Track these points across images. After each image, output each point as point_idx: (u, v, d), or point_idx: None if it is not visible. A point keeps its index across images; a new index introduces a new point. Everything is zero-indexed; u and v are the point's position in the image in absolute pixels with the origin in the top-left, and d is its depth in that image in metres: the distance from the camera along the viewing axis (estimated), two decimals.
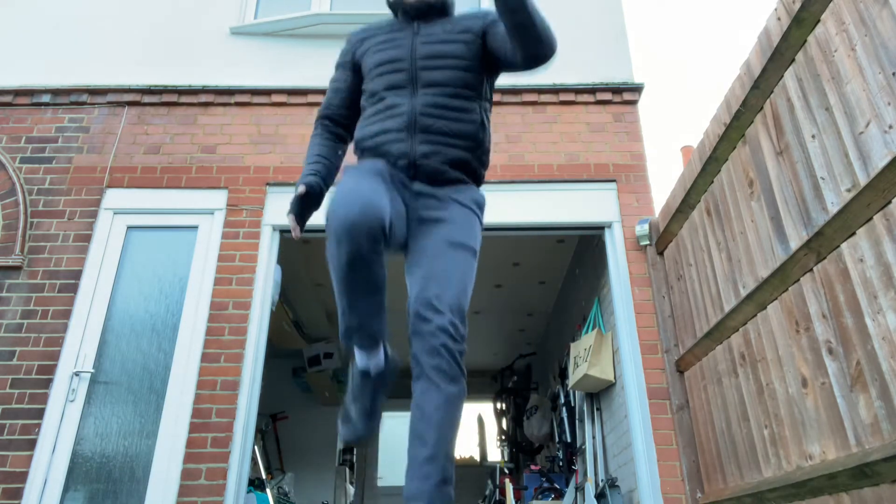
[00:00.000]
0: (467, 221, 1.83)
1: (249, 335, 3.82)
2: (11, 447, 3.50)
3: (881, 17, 2.00)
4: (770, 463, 2.63)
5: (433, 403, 1.55)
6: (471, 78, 1.91)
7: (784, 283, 2.51)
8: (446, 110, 1.85)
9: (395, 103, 1.87)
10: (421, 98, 1.86)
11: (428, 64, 1.89)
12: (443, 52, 1.91)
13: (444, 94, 1.87)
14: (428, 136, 1.83)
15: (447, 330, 1.59)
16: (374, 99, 1.93)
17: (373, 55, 1.97)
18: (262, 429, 6.87)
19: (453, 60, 1.90)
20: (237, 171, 4.30)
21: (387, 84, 1.91)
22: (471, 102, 1.90)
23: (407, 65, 1.90)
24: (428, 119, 1.83)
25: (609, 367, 4.18)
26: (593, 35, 4.85)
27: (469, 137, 1.87)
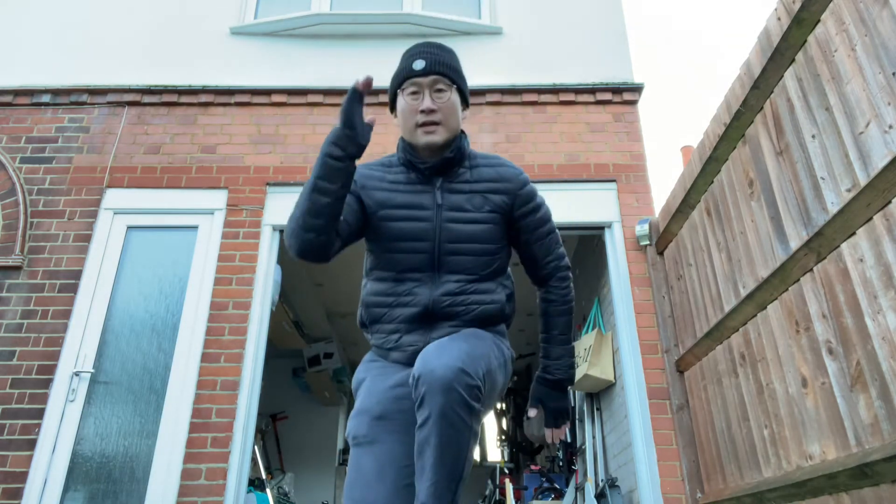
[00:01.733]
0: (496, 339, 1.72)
1: (249, 335, 3.82)
2: (11, 447, 3.50)
3: (881, 17, 2.00)
4: (770, 463, 2.63)
5: (442, 435, 1.44)
6: (497, 262, 1.75)
7: (784, 283, 2.51)
8: (466, 295, 1.69)
9: (412, 292, 1.68)
10: (442, 287, 1.68)
11: (454, 248, 1.69)
12: (470, 235, 1.70)
13: (469, 281, 1.70)
14: (447, 323, 1.67)
15: (474, 382, 1.45)
16: (389, 276, 1.72)
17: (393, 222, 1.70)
18: (262, 429, 6.88)
19: (481, 245, 1.71)
20: (237, 171, 4.30)
21: (407, 266, 1.69)
22: (494, 283, 1.74)
23: (430, 246, 1.69)
24: (447, 309, 1.67)
25: (609, 367, 4.18)
26: (593, 35, 4.85)
27: (494, 317, 1.73)
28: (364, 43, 4.84)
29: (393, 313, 1.69)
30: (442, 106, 1.70)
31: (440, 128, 1.70)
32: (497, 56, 4.79)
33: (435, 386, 1.38)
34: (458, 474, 1.41)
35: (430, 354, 1.44)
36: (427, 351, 1.46)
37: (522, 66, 4.74)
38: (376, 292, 1.73)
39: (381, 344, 1.72)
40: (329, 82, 4.60)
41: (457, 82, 1.75)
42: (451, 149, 1.73)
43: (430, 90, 1.70)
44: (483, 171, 1.77)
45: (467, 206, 1.72)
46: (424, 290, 1.68)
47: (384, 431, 1.55)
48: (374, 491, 1.48)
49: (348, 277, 6.15)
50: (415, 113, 1.70)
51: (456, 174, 1.75)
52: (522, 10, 5.00)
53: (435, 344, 1.49)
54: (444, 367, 1.39)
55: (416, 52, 1.75)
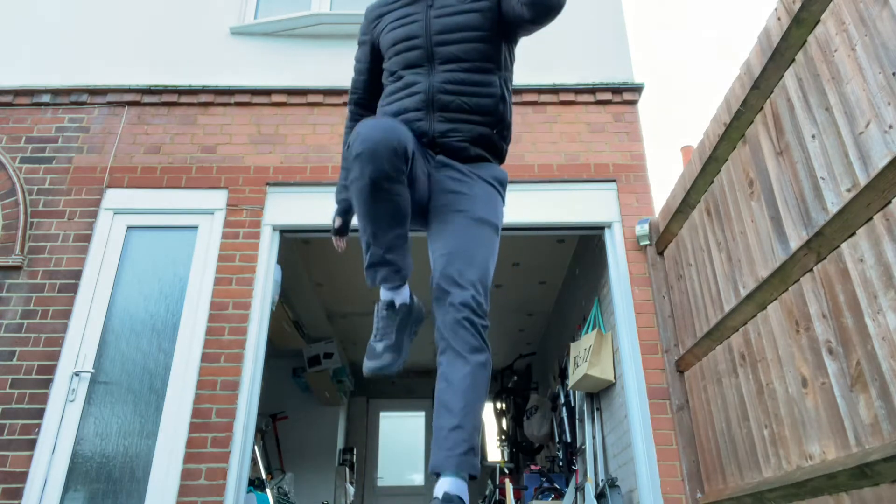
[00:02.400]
0: (490, 198, 1.83)
1: (249, 335, 3.82)
2: (11, 447, 3.50)
3: (881, 17, 2.00)
4: (770, 463, 2.63)
5: (459, 373, 1.54)
6: (489, 49, 1.87)
7: (784, 283, 2.51)
8: (464, 85, 1.83)
9: (413, 82, 1.85)
10: (438, 76, 1.83)
11: (443, 39, 1.86)
12: (458, 24, 1.86)
13: (463, 70, 1.84)
14: (446, 114, 1.81)
15: (470, 304, 1.59)
16: (393, 78, 1.92)
17: (388, 33, 1.95)
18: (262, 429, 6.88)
19: (469, 33, 1.85)
20: (237, 171, 4.30)
21: (403, 63, 1.89)
22: (490, 75, 1.87)
23: (422, 42, 1.87)
24: (446, 97, 1.81)
25: (609, 367, 4.18)
26: (593, 35, 4.85)
27: (489, 112, 1.85)
28: None
29: (402, 104, 1.85)
30: None
31: None
32: None
33: (448, 322, 1.60)
34: (483, 391, 1.60)
35: (451, 272, 1.65)
36: (447, 271, 1.65)
37: (522, 66, 4.71)
38: (387, 94, 1.92)
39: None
40: (329, 82, 4.60)
41: None
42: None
43: None
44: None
45: (454, 1, 1.90)
46: (423, 79, 1.84)
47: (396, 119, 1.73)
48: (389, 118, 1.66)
49: (348, 277, 6.15)
50: None
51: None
52: None
53: (456, 262, 1.65)
54: (461, 298, 1.60)
55: None
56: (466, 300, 1.59)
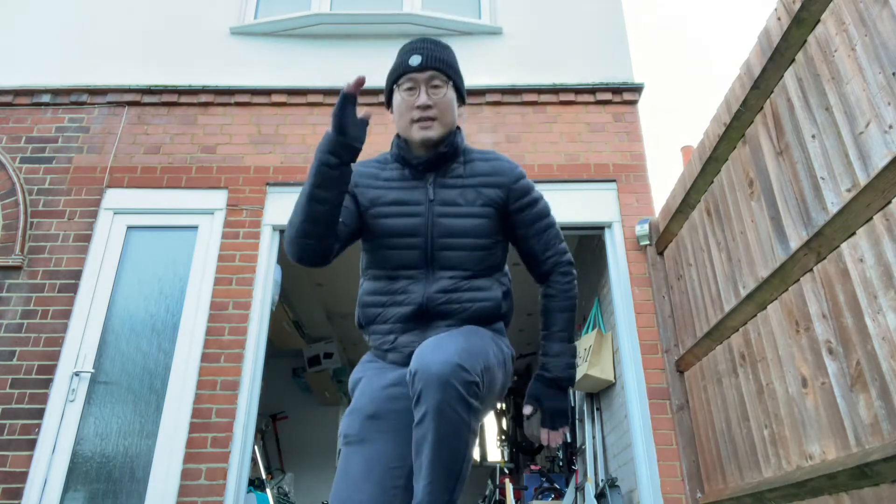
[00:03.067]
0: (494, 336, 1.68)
1: (249, 335, 3.82)
2: (11, 447, 3.50)
3: (881, 17, 2.00)
4: (770, 463, 2.63)
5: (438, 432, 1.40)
6: (492, 257, 1.71)
7: (784, 283, 2.51)
8: (463, 292, 1.66)
9: (406, 289, 1.66)
10: (436, 283, 1.65)
11: (446, 244, 1.66)
12: (463, 230, 1.67)
13: (463, 278, 1.67)
14: (443, 322, 1.64)
15: (469, 380, 1.41)
16: (383, 274, 1.70)
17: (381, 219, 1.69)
18: (262, 429, 6.88)
19: (474, 240, 1.68)
20: (237, 171, 4.30)
21: (399, 263, 1.67)
22: (489, 280, 1.70)
23: (423, 242, 1.66)
24: (443, 306, 1.64)
25: (609, 367, 4.18)
26: (593, 35, 4.85)
27: (490, 315, 1.69)
28: (364, 43, 4.84)
29: (388, 313, 1.67)
30: (438, 101, 1.68)
31: (435, 123, 1.68)
32: (497, 56, 4.79)
33: (432, 382, 1.34)
34: (457, 474, 1.38)
35: (427, 350, 1.40)
36: (423, 347, 1.42)
37: (522, 66, 4.74)
38: (371, 291, 1.71)
39: (378, 345, 1.69)
40: (329, 82, 4.60)
41: (453, 78, 1.73)
42: (446, 144, 1.71)
43: (426, 86, 1.68)
44: (477, 166, 1.74)
45: (460, 200, 1.70)
46: (418, 288, 1.65)
47: (375, 431, 1.52)
48: (360, 491, 1.45)
49: (348, 277, 6.15)
50: (411, 108, 1.68)
51: (449, 169, 1.74)
52: (522, 9, 5.00)
53: (432, 340, 1.45)
54: (440, 363, 1.35)
55: (413, 47, 1.73)
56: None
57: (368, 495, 1.44)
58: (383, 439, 1.51)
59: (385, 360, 1.67)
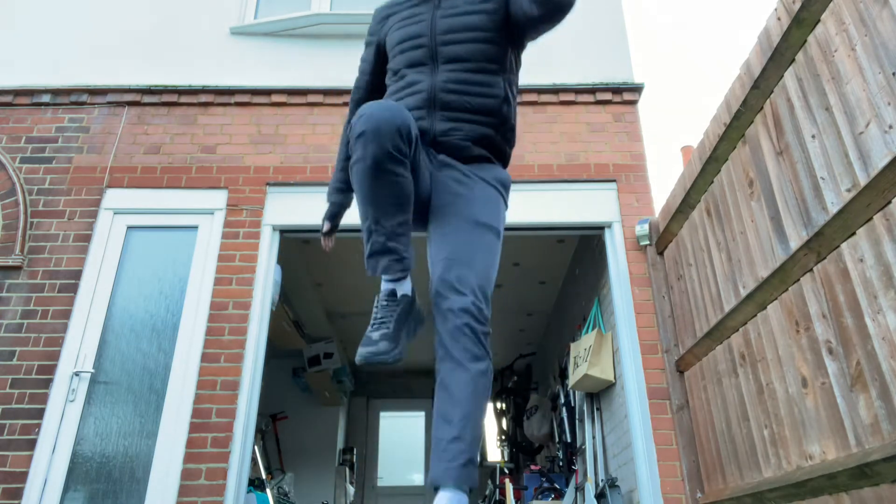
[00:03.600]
0: (492, 201, 1.80)
1: (249, 335, 3.82)
2: (11, 447, 3.50)
3: (881, 17, 2.00)
4: (770, 463, 2.63)
5: (459, 382, 1.50)
6: (493, 50, 1.85)
7: (784, 283, 2.51)
8: (467, 85, 1.81)
9: (415, 80, 1.83)
10: (441, 75, 1.81)
11: (448, 38, 1.84)
12: (463, 24, 1.85)
13: (466, 70, 1.82)
14: (448, 114, 1.79)
15: (470, 310, 1.55)
16: (396, 77, 1.91)
17: (394, 32, 1.95)
18: (262, 429, 6.88)
19: (474, 33, 1.84)
20: (237, 171, 4.30)
21: (407, 62, 1.87)
22: (494, 76, 1.84)
23: (427, 41, 1.86)
24: (448, 95, 1.79)
25: (609, 367, 4.18)
26: (593, 35, 4.85)
27: (492, 113, 1.83)
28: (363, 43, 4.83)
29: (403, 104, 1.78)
30: None
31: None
32: None
33: (450, 315, 1.58)
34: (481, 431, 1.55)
35: (446, 278, 1.62)
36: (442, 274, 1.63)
37: (522, 66, 4.73)
38: (388, 93, 1.91)
39: None
40: (329, 82, 4.60)
41: None
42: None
43: None
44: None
45: (461, 2, 1.89)
46: (426, 78, 1.82)
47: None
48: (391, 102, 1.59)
49: (348, 277, 6.15)
50: None
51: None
52: None
53: (451, 268, 1.61)
54: (461, 301, 1.57)
55: None
56: (466, 306, 1.55)
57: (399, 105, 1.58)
58: None
59: None
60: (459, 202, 1.75)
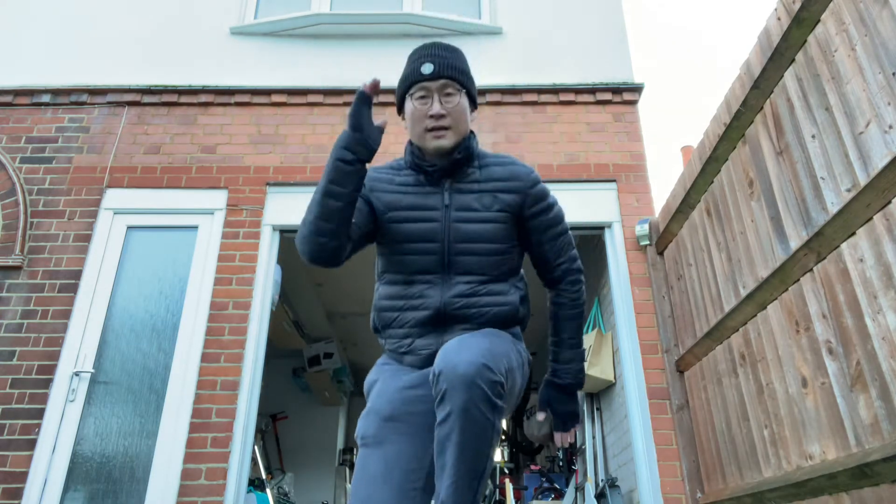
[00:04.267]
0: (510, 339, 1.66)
1: (249, 335, 3.82)
2: (11, 447, 3.50)
3: (881, 17, 2.00)
4: (770, 463, 2.63)
5: (465, 430, 1.41)
6: (506, 260, 1.71)
7: (784, 283, 2.51)
8: (479, 297, 1.65)
9: (423, 294, 1.66)
10: (453, 289, 1.65)
11: (463, 248, 1.66)
12: (479, 234, 1.67)
13: (478, 282, 1.66)
14: (460, 326, 1.64)
15: (495, 377, 1.42)
16: (399, 278, 1.70)
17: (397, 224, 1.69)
18: (262, 429, 6.88)
19: (490, 245, 1.67)
20: (237, 171, 4.30)
21: (416, 268, 1.67)
22: (506, 284, 1.70)
23: (440, 247, 1.66)
24: (459, 311, 1.64)
25: (609, 367, 4.18)
26: (593, 35, 4.85)
27: (505, 320, 1.68)
28: (364, 43, 4.84)
29: (405, 317, 1.67)
30: (451, 110, 1.67)
31: (449, 132, 1.67)
32: (497, 56, 4.79)
33: (457, 381, 1.34)
34: (480, 472, 1.38)
35: (452, 350, 1.40)
36: (448, 347, 1.42)
37: (522, 66, 4.74)
38: (388, 296, 1.71)
39: (394, 348, 1.70)
40: (329, 82, 4.60)
41: (466, 86, 1.71)
42: (460, 150, 1.70)
43: (439, 94, 1.67)
44: (493, 171, 1.74)
45: (476, 205, 1.69)
46: (435, 292, 1.65)
47: (393, 432, 1.54)
48: (379, 491, 1.45)
49: (348, 277, 6.15)
50: (424, 118, 1.67)
51: (465, 174, 1.73)
52: (522, 9, 5.00)
53: (456, 340, 1.45)
54: (466, 363, 1.35)
55: (424, 54, 1.71)
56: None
57: (387, 496, 1.45)
58: (401, 440, 1.52)
59: (401, 363, 1.69)
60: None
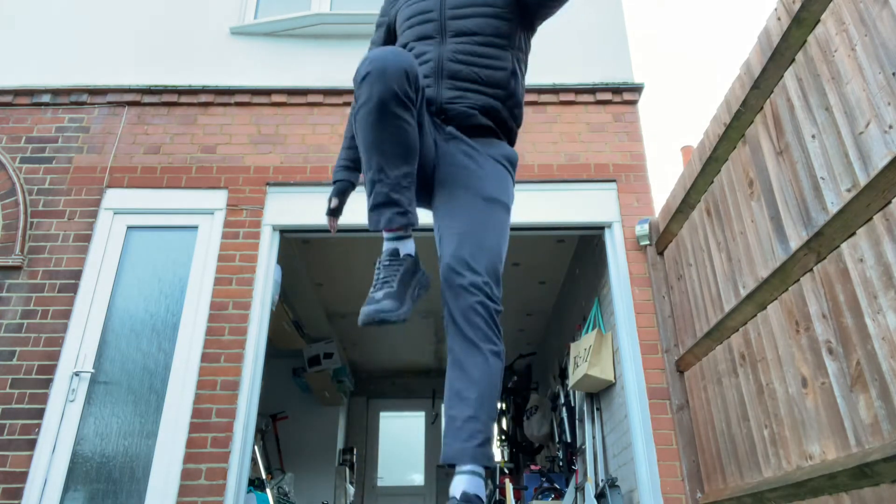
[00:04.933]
0: (500, 176, 1.79)
1: (249, 335, 3.82)
2: (11, 447, 3.50)
3: (881, 17, 2.00)
4: (770, 463, 2.63)
5: (475, 362, 1.48)
6: (502, 26, 1.85)
7: (784, 283, 2.51)
8: (475, 57, 1.80)
9: (423, 52, 1.84)
10: (449, 46, 1.82)
11: (457, 13, 1.85)
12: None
13: (474, 43, 1.82)
14: (455, 83, 1.79)
15: (483, 289, 1.53)
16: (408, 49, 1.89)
17: (404, 9, 1.97)
18: (262, 429, 6.88)
19: (483, 7, 1.85)
20: (237, 171, 4.30)
21: (415, 35, 1.88)
22: (502, 51, 1.84)
23: (436, 15, 1.87)
24: (455, 65, 1.79)
25: (609, 367, 4.18)
26: (593, 35, 4.85)
27: (499, 85, 1.81)
28: (364, 43, 4.79)
29: None
30: None
31: None
32: None
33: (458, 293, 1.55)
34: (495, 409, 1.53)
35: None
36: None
37: None
38: None
39: None
40: (329, 82, 4.60)
41: None
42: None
43: None
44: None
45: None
46: (433, 49, 1.83)
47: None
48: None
49: (348, 277, 6.15)
50: None
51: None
52: None
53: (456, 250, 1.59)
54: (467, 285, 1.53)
55: None
56: (479, 284, 1.53)
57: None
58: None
59: None
60: (468, 176, 1.73)
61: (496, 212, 1.70)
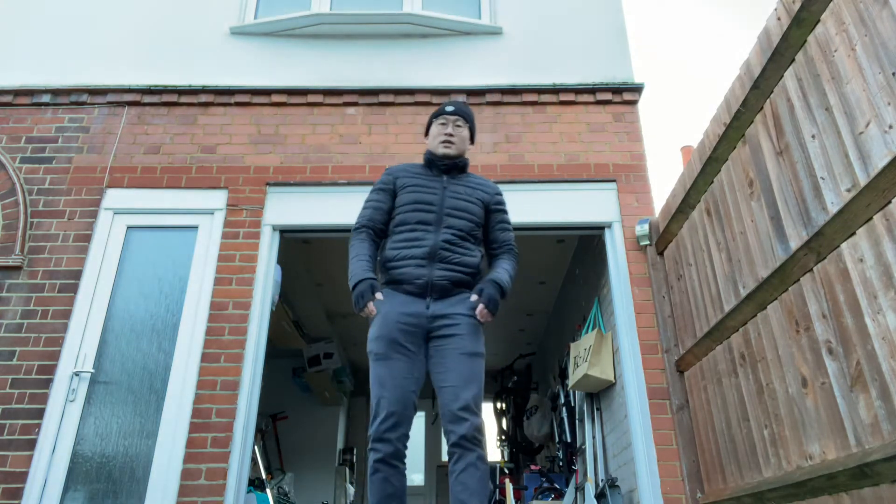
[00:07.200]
0: (474, 332, 2.45)
1: (249, 335, 3.82)
2: (11, 447, 3.50)
3: (881, 17, 2.00)
4: (770, 463, 2.63)
5: (475, 478, 2.24)
6: (476, 230, 2.65)
7: (784, 283, 2.51)
8: (458, 247, 2.54)
9: (422, 237, 2.53)
10: (442, 236, 2.53)
11: (452, 213, 2.59)
12: (463, 207, 2.62)
13: (458, 237, 2.56)
14: (443, 265, 2.50)
15: (479, 427, 2.28)
16: (405, 228, 2.56)
17: (410, 193, 2.62)
18: (262, 429, 6.88)
19: (469, 215, 2.62)
20: (237, 171, 4.30)
21: (418, 220, 2.56)
22: (474, 246, 2.62)
23: (436, 209, 2.58)
24: (445, 252, 2.51)
25: (609, 367, 4.18)
26: (593, 35, 4.85)
27: (472, 267, 2.56)
28: (364, 43, 4.84)
29: (408, 253, 2.51)
30: (457, 133, 2.73)
31: (454, 146, 2.72)
32: (497, 56, 4.79)
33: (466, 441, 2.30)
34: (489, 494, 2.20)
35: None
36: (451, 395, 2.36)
37: (522, 66, 4.74)
38: (397, 240, 2.57)
39: (396, 276, 2.49)
40: (329, 82, 4.60)
41: (470, 123, 2.79)
42: (458, 160, 2.74)
43: (452, 124, 2.74)
44: (473, 180, 2.76)
45: (461, 192, 2.68)
46: (431, 237, 2.53)
47: (394, 352, 2.39)
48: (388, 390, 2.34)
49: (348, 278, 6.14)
50: (440, 134, 2.73)
51: (458, 177, 2.74)
52: (522, 10, 5.00)
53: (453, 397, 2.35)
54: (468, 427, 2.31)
55: (449, 103, 2.80)
56: (477, 424, 2.28)
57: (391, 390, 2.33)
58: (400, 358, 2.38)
59: (399, 291, 2.49)
60: (452, 342, 2.41)
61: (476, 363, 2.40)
